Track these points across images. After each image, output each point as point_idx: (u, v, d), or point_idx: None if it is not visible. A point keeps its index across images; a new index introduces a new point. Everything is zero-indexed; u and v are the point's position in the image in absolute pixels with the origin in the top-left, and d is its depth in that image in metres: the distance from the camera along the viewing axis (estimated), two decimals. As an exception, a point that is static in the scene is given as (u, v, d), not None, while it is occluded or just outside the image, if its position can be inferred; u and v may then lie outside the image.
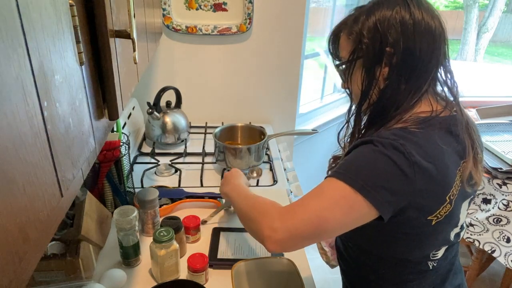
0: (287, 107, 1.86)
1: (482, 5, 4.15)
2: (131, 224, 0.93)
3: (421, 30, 0.72)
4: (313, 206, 0.68)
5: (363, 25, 0.76)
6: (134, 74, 0.81)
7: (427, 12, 0.74)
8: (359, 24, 0.76)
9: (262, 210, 0.75)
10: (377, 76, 0.75)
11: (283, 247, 0.69)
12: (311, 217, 0.67)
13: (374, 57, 0.75)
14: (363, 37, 0.75)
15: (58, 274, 0.87)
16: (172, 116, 1.54)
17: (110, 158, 1.08)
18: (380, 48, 0.73)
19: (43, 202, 0.36)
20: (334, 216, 0.67)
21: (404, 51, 0.72)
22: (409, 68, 0.73)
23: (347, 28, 0.80)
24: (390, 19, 0.73)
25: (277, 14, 1.64)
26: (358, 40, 0.76)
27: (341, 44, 0.83)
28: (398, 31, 0.72)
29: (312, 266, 1.00)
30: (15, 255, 0.30)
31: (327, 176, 0.72)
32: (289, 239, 0.68)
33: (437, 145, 0.70)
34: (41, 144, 0.36)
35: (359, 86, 0.78)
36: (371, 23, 0.75)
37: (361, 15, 0.77)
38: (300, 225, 0.67)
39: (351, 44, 0.78)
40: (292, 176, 1.49)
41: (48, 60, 0.38)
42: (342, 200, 0.67)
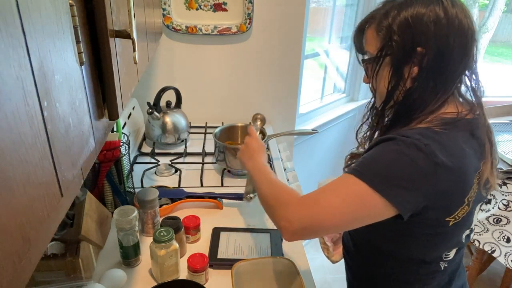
0: (287, 107, 1.86)
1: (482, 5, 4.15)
2: (131, 224, 0.93)
3: (455, 30, 0.69)
4: (328, 201, 0.69)
5: (394, 21, 0.72)
6: (134, 74, 0.81)
7: (462, 11, 0.71)
8: (389, 18, 0.73)
9: (281, 199, 0.76)
10: (405, 76, 0.73)
11: (298, 238, 0.72)
12: (325, 211, 0.69)
13: (403, 56, 0.72)
14: (393, 34, 0.72)
15: (58, 274, 0.87)
16: (172, 116, 1.54)
17: (110, 158, 1.08)
18: (411, 47, 0.71)
19: (43, 202, 0.36)
20: (349, 213, 0.68)
21: (436, 52, 0.70)
22: (439, 69, 0.71)
23: (376, 21, 0.76)
24: (424, 17, 0.70)
25: (277, 14, 1.64)
26: (387, 36, 0.73)
27: (367, 38, 0.79)
28: (431, 31, 0.69)
29: (312, 266, 1.00)
30: (15, 255, 0.30)
31: (345, 172, 0.72)
32: (302, 231, 0.70)
33: (460, 147, 0.69)
34: (41, 144, 0.36)
35: (385, 85, 0.76)
36: (403, 19, 0.71)
37: (392, 9, 0.73)
38: (314, 218, 0.69)
39: (379, 40, 0.75)
40: (292, 176, 1.49)
41: (48, 60, 0.38)
42: (357, 198, 0.68)
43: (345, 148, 2.71)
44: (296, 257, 0.97)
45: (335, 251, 1.02)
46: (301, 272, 0.85)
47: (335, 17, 2.20)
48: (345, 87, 2.42)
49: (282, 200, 0.75)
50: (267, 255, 1.01)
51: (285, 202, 0.74)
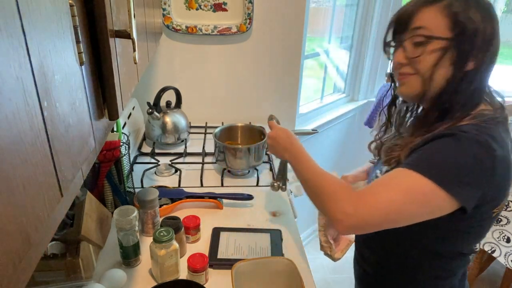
0: (287, 107, 1.86)
1: (482, 5, 4.16)
2: (131, 224, 0.93)
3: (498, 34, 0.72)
4: (388, 198, 0.68)
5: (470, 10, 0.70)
6: (134, 74, 0.81)
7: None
8: (466, 6, 0.70)
9: (333, 192, 0.74)
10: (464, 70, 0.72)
11: (354, 231, 0.74)
12: (385, 208, 0.68)
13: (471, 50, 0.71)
14: (470, 23, 0.70)
15: (58, 274, 0.87)
16: (172, 116, 1.54)
17: (110, 158, 1.08)
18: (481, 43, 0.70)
19: (43, 202, 0.36)
20: (409, 209, 0.68)
21: (492, 51, 0.72)
22: (489, 68, 0.74)
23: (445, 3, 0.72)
24: (492, 15, 0.71)
25: (277, 14, 1.64)
26: (461, 25, 0.70)
27: (425, 16, 0.73)
28: (495, 29, 0.71)
29: (312, 266, 1.00)
30: (15, 255, 0.30)
31: (401, 166, 0.71)
32: (359, 226, 0.70)
33: (505, 141, 0.72)
34: (41, 144, 0.36)
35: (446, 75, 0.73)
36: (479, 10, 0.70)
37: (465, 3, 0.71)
38: (373, 215, 0.68)
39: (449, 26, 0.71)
40: (292, 176, 1.48)
41: (48, 60, 0.38)
42: (420, 195, 0.67)
43: (345, 148, 2.73)
44: (296, 257, 0.97)
45: (337, 248, 1.02)
46: (301, 272, 0.85)
47: (335, 17, 2.20)
48: (345, 87, 2.42)
49: (335, 192, 0.74)
50: (267, 255, 1.01)
51: (339, 194, 0.73)
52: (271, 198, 1.27)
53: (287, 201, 1.26)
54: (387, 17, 2.22)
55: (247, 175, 1.41)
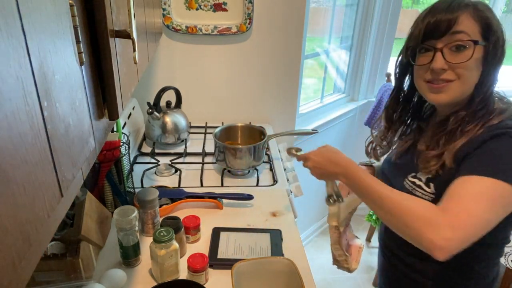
0: (287, 107, 1.86)
1: (482, 5, 4.17)
2: (131, 224, 0.93)
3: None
4: (477, 211, 0.68)
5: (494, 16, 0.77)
6: (134, 74, 0.81)
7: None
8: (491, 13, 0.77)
9: (420, 216, 0.70)
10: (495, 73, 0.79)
11: (453, 254, 0.68)
12: (479, 222, 0.68)
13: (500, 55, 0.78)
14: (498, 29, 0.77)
15: (58, 274, 0.87)
16: (172, 116, 1.54)
17: (110, 158, 1.08)
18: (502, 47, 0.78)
19: (43, 202, 0.36)
20: (497, 216, 0.69)
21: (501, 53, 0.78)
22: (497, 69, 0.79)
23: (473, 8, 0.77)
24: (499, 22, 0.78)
25: (277, 14, 1.64)
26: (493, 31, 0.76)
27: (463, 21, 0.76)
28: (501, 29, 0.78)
29: (312, 266, 1.00)
30: (15, 255, 0.30)
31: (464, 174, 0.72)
32: (459, 247, 0.67)
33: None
34: (41, 144, 0.36)
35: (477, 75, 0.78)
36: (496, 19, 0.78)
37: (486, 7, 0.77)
38: (471, 233, 0.68)
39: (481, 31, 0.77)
40: (292, 176, 1.49)
41: (48, 60, 0.38)
42: (502, 199, 0.68)
43: (345, 148, 2.72)
44: (296, 257, 0.97)
45: (351, 258, 0.97)
46: (301, 272, 0.85)
47: (335, 17, 2.20)
48: (345, 87, 2.42)
49: (424, 216, 0.69)
50: (267, 255, 1.01)
51: (429, 218, 0.69)
52: (271, 198, 1.27)
53: (287, 201, 1.26)
54: (387, 17, 2.22)
55: (247, 175, 1.41)
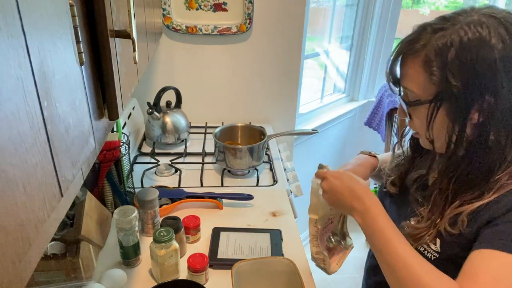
0: (287, 107, 1.85)
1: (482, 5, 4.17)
2: (131, 224, 0.93)
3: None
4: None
5: (452, 62, 0.61)
6: (134, 74, 0.81)
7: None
8: (444, 58, 0.61)
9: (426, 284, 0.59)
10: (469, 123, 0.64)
11: None
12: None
13: (467, 103, 0.62)
14: (452, 78, 0.61)
15: (58, 274, 0.87)
16: (172, 116, 1.54)
17: (110, 158, 1.08)
18: (477, 94, 0.61)
19: (43, 202, 0.36)
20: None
21: (509, 95, 0.60)
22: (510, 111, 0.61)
23: (420, 55, 0.65)
24: (492, 60, 0.59)
25: (277, 14, 1.64)
26: (443, 79, 0.62)
27: (409, 73, 0.68)
28: (501, 75, 0.59)
29: (312, 266, 1.00)
30: (15, 255, 0.30)
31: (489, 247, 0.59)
32: None
33: None
34: (41, 144, 0.36)
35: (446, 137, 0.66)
36: (465, 61, 0.60)
37: (447, 46, 0.61)
38: None
39: (430, 82, 0.64)
40: (292, 176, 1.49)
41: (48, 60, 0.38)
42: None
43: (345, 148, 2.73)
44: (296, 257, 0.97)
45: (332, 260, 0.91)
46: (301, 272, 0.85)
47: (335, 17, 2.20)
48: (345, 87, 2.42)
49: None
50: (267, 255, 1.01)
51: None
52: (271, 198, 1.27)
53: (287, 201, 1.26)
54: (387, 17, 2.22)
55: (247, 175, 1.41)
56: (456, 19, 0.63)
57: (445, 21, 0.64)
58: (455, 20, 0.63)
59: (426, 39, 0.65)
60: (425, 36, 0.65)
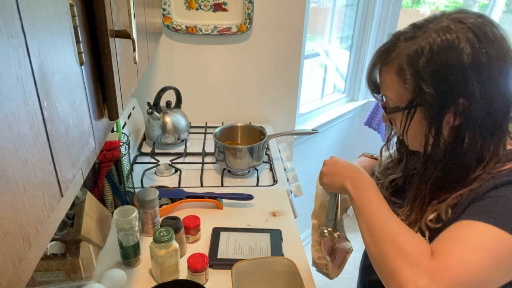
0: (287, 107, 1.86)
1: (482, 5, 4.15)
2: (131, 224, 0.93)
3: (499, 66, 0.61)
4: (473, 264, 0.55)
5: (424, 69, 0.63)
6: (134, 74, 0.81)
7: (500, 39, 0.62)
8: (416, 65, 0.63)
9: (403, 249, 0.60)
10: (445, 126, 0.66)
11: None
12: (472, 281, 0.54)
13: (441, 107, 0.63)
14: (424, 84, 0.63)
15: (58, 274, 0.87)
16: (172, 116, 1.54)
17: (110, 158, 1.08)
18: (451, 99, 0.62)
19: (43, 202, 0.36)
20: (498, 276, 0.56)
21: (481, 96, 0.61)
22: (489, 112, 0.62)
23: (394, 63, 0.67)
24: (462, 64, 0.60)
25: (277, 14, 1.64)
26: (417, 86, 0.64)
27: (385, 81, 0.70)
28: (473, 78, 0.60)
29: (312, 266, 1.00)
30: (15, 255, 0.30)
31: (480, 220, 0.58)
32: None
33: None
34: (41, 144, 0.36)
35: (422, 141, 0.68)
36: (435, 68, 0.62)
37: (418, 54, 0.63)
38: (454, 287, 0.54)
39: (405, 89, 0.66)
40: (292, 176, 1.49)
41: (48, 60, 0.38)
42: (510, 258, 0.55)
43: (345, 148, 2.73)
44: (296, 257, 0.97)
45: (333, 264, 0.90)
46: (301, 272, 0.85)
47: (335, 17, 2.20)
48: (345, 87, 2.42)
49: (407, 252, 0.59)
50: (267, 255, 1.01)
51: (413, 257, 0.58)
52: (271, 198, 1.27)
53: (287, 201, 1.26)
54: (387, 17, 2.22)
55: (247, 175, 1.41)
56: (426, 26, 0.65)
57: (416, 29, 0.66)
58: (426, 27, 0.65)
59: (399, 48, 0.67)
60: (398, 45, 0.67)
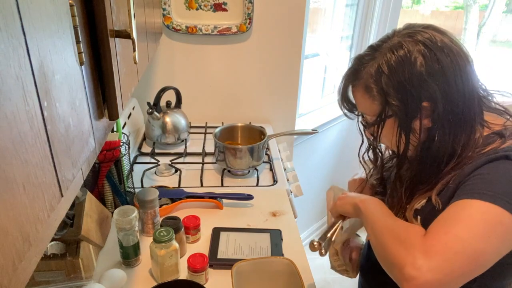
0: (287, 107, 1.85)
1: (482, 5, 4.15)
2: (131, 224, 0.93)
3: (453, 68, 0.67)
4: (464, 237, 0.57)
5: (387, 85, 0.70)
6: (134, 74, 0.81)
7: (446, 40, 0.69)
8: (379, 83, 0.71)
9: (403, 237, 0.63)
10: (417, 129, 0.72)
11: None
12: (465, 250, 0.57)
13: (408, 115, 0.70)
14: (390, 97, 0.70)
15: (58, 274, 0.87)
16: (172, 116, 1.54)
17: (110, 158, 1.08)
18: (415, 105, 0.69)
19: (43, 202, 0.36)
20: (491, 246, 0.58)
21: (444, 98, 0.68)
22: (454, 109, 0.68)
23: (360, 83, 0.75)
24: (418, 74, 0.67)
25: (277, 14, 1.64)
26: (383, 100, 0.72)
27: (357, 99, 0.79)
28: (430, 83, 0.67)
29: (312, 266, 1.00)
30: (15, 255, 0.30)
31: (465, 198, 0.62)
32: (438, 283, 0.56)
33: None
34: (41, 144, 0.36)
35: (395, 145, 0.75)
36: (396, 82, 0.69)
37: (379, 73, 0.70)
38: (454, 264, 0.56)
39: (374, 104, 0.74)
40: (292, 176, 1.49)
41: (48, 60, 0.38)
42: (498, 226, 0.58)
43: (345, 148, 2.73)
44: (296, 257, 0.97)
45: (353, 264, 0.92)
46: (301, 272, 0.85)
47: (335, 17, 2.20)
48: (345, 87, 2.42)
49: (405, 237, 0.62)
50: (267, 255, 1.01)
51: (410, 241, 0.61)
52: (271, 198, 1.27)
53: (287, 201, 1.26)
54: (387, 17, 2.22)
55: (247, 175, 1.41)
56: (381, 46, 0.73)
57: (374, 50, 0.74)
58: (381, 47, 0.73)
59: (362, 69, 0.75)
60: (362, 67, 0.75)
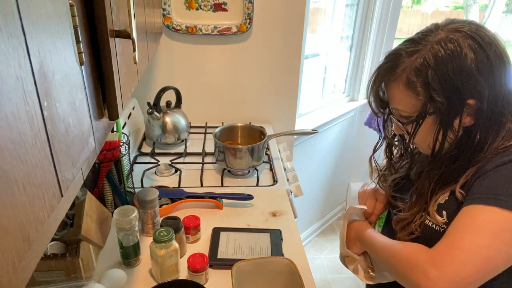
0: (287, 107, 1.86)
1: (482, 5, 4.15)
2: (131, 224, 0.93)
3: (499, 66, 0.67)
4: (472, 245, 0.59)
5: (433, 80, 0.67)
6: (134, 74, 0.81)
7: (495, 41, 0.68)
8: (425, 77, 0.68)
9: (406, 259, 0.66)
10: (456, 127, 0.70)
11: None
12: (473, 258, 0.59)
13: (451, 112, 0.68)
14: (435, 93, 0.67)
15: (58, 274, 0.87)
16: (172, 116, 1.54)
17: (110, 158, 1.08)
18: (460, 102, 0.67)
19: (43, 202, 0.36)
20: (499, 253, 0.59)
21: (490, 97, 0.66)
22: (494, 109, 0.67)
23: (401, 77, 0.71)
24: (468, 69, 0.65)
25: (277, 14, 1.64)
26: (428, 95, 0.68)
27: (394, 95, 0.74)
28: (481, 81, 0.65)
29: (312, 266, 1.00)
30: (15, 255, 0.30)
31: (471, 204, 0.63)
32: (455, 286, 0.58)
33: None
34: (41, 144, 0.36)
35: (430, 143, 0.73)
36: (443, 76, 0.66)
37: (425, 66, 0.67)
38: (462, 270, 0.58)
39: (416, 99, 0.71)
40: (292, 176, 1.49)
41: (48, 60, 0.38)
42: (506, 232, 0.59)
43: (345, 148, 2.73)
44: (296, 257, 0.97)
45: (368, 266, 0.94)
46: (301, 272, 0.85)
47: (335, 17, 2.20)
48: (345, 87, 2.42)
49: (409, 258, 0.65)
50: (267, 255, 1.01)
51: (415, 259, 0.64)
52: (271, 198, 1.27)
53: (287, 201, 1.26)
54: (387, 17, 2.22)
55: (247, 175, 1.41)
56: (425, 39, 0.70)
57: (416, 44, 0.70)
58: (425, 41, 0.69)
59: (404, 63, 0.71)
60: (402, 61, 0.71)
